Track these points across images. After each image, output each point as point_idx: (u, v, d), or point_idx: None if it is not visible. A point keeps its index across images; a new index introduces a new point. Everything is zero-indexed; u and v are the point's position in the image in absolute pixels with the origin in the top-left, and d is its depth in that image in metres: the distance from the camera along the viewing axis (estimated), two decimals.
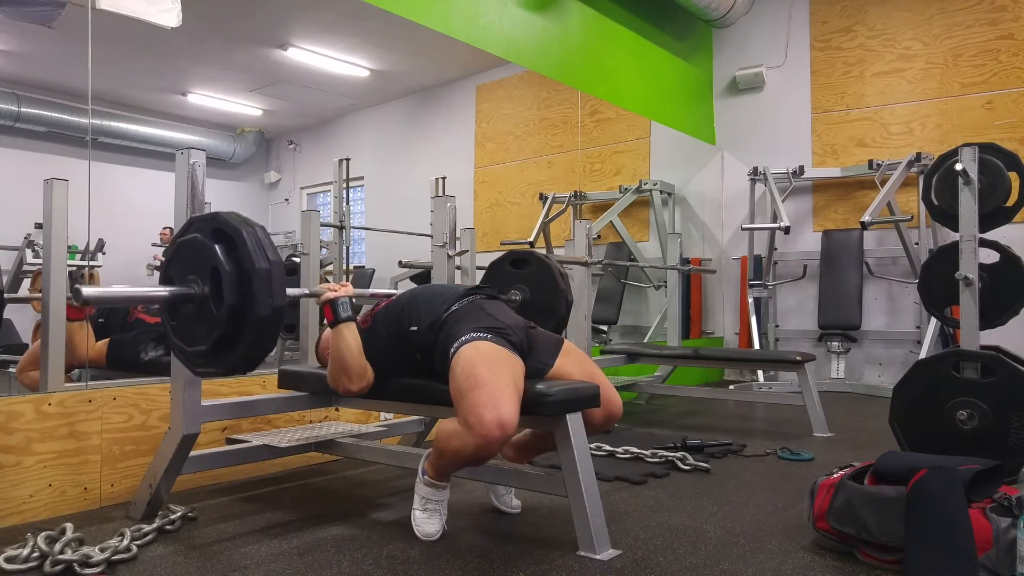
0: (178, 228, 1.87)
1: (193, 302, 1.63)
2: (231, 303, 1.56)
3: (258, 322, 1.56)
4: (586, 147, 6.91)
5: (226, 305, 1.56)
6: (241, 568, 1.79)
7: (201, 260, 1.62)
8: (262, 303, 1.55)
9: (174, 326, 1.70)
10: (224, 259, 1.58)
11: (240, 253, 1.57)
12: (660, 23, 5.68)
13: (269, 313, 1.56)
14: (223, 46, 6.82)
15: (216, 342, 1.59)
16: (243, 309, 1.57)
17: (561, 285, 2.81)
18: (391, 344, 2.16)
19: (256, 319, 1.56)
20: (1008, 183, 2.87)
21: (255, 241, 1.58)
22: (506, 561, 1.83)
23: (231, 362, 1.63)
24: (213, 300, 1.59)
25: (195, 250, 1.63)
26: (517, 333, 2.06)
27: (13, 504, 2.14)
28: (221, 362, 1.64)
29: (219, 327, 1.58)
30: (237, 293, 1.57)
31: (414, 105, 8.33)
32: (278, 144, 9.84)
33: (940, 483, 1.75)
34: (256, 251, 1.57)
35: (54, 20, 5.00)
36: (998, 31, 5.07)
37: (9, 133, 7.23)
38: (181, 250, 1.68)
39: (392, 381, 2.21)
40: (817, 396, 3.70)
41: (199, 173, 2.10)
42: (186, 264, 1.66)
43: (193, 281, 1.62)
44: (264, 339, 1.61)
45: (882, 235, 5.44)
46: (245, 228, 1.59)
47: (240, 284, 1.57)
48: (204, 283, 1.61)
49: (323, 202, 9.29)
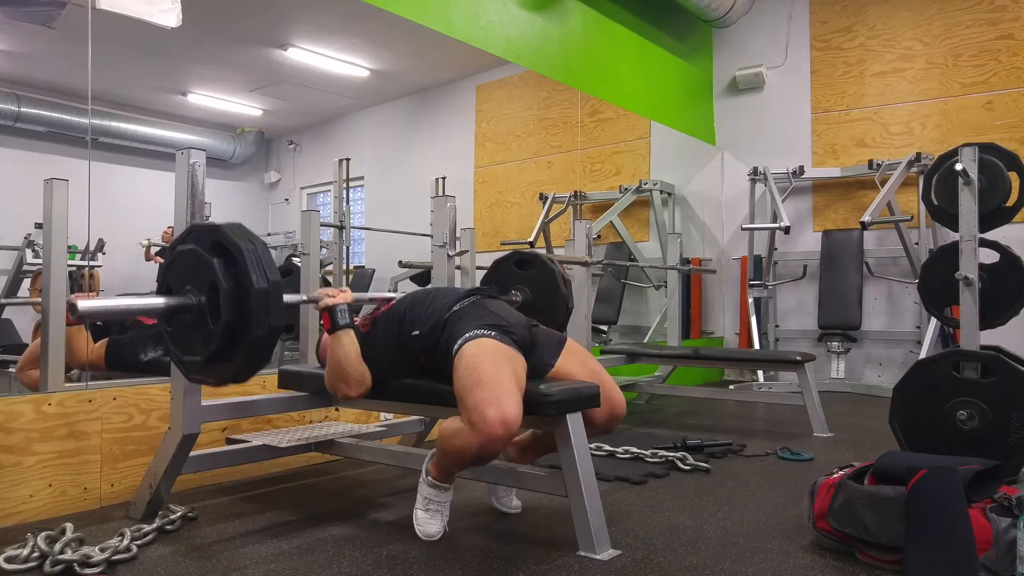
0: (178, 233, 1.86)
1: (190, 312, 1.63)
2: (227, 319, 1.56)
3: (254, 341, 1.55)
4: (586, 147, 6.91)
5: (223, 321, 1.56)
6: (241, 568, 1.79)
7: (199, 272, 1.61)
8: (259, 323, 1.54)
9: (171, 332, 1.71)
10: (222, 274, 1.57)
11: (240, 270, 1.56)
12: (660, 23, 5.68)
13: (266, 333, 1.56)
14: (223, 46, 6.82)
15: (211, 355, 1.59)
16: (239, 327, 1.56)
17: (563, 290, 2.81)
18: (392, 349, 2.16)
19: (252, 338, 1.55)
20: (1008, 183, 2.86)
21: (255, 259, 1.56)
22: (506, 561, 1.83)
23: (225, 375, 1.64)
24: (210, 314, 1.59)
25: (194, 261, 1.62)
26: (520, 331, 2.06)
27: (13, 504, 2.14)
28: (216, 374, 1.65)
29: (214, 342, 1.57)
30: (234, 310, 1.56)
31: (414, 105, 8.33)
32: (278, 144, 9.84)
33: (940, 483, 1.74)
34: (255, 269, 1.55)
35: (54, 20, 5.00)
36: (998, 31, 5.07)
37: (9, 133, 7.23)
38: (180, 258, 1.67)
39: (392, 381, 2.21)
40: (817, 396, 3.70)
41: (199, 173, 2.10)
42: (185, 273, 1.65)
43: (191, 292, 1.62)
44: (259, 356, 1.60)
45: (882, 235, 5.44)
46: (246, 244, 1.57)
47: (238, 302, 1.56)
48: (201, 293, 1.61)
49: (323, 202, 9.29)
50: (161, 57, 6.89)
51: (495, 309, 2.11)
